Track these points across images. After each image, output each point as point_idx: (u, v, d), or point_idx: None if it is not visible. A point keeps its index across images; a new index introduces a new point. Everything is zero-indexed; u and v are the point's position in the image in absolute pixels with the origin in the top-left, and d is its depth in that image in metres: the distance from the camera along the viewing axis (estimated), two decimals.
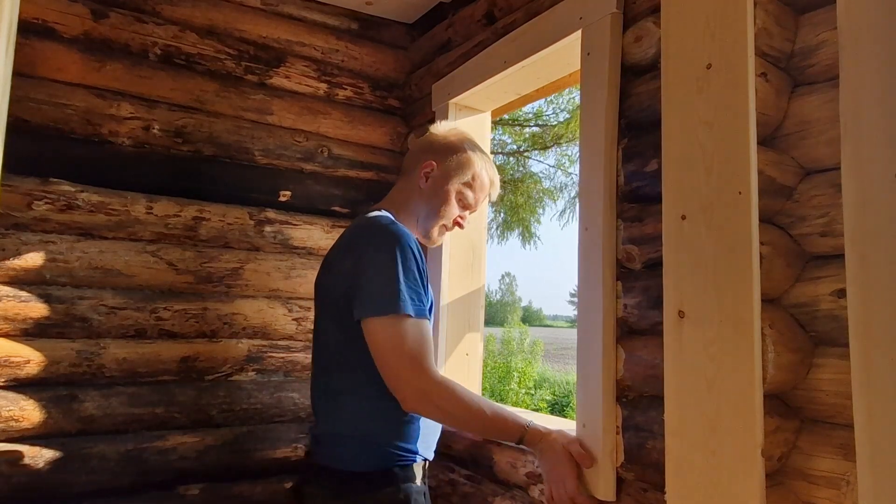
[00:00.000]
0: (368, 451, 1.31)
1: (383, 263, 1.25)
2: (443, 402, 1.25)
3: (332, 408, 1.37)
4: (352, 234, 1.40)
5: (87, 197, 1.78)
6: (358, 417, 1.33)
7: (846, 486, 0.95)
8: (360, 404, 1.33)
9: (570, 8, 1.49)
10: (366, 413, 1.32)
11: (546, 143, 7.74)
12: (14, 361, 1.66)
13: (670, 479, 1.07)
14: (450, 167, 1.48)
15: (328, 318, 1.39)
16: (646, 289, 1.25)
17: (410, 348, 1.23)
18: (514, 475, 1.54)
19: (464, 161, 1.49)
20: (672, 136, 1.12)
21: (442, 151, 1.49)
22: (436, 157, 1.48)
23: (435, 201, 1.48)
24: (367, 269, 1.27)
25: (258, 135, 2.06)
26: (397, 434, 1.33)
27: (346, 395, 1.34)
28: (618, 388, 1.29)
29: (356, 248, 1.32)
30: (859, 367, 0.85)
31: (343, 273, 1.32)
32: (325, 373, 1.40)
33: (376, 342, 1.25)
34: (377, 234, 1.31)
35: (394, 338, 1.23)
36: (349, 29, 2.27)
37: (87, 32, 1.82)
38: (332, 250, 1.46)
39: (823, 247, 1.04)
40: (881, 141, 0.85)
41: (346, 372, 1.34)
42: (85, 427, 1.74)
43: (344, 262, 1.34)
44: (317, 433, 1.40)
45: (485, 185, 1.54)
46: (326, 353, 1.40)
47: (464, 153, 1.50)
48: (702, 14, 1.09)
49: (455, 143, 1.51)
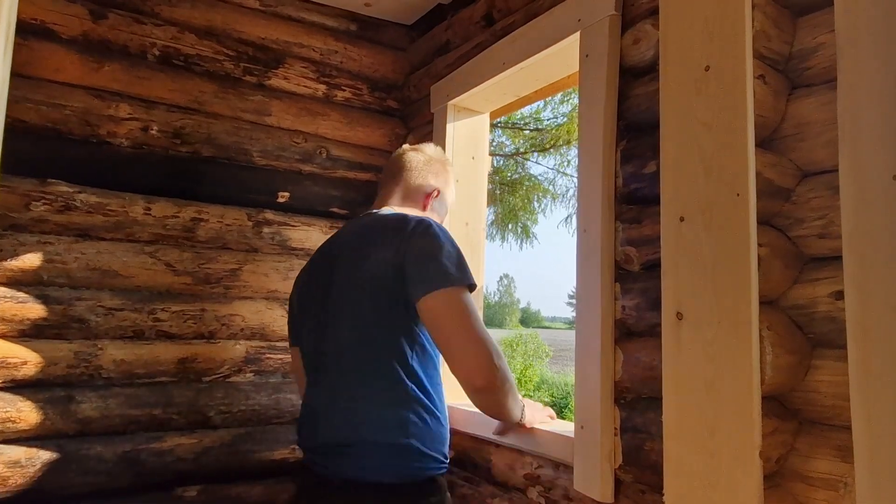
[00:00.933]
0: (410, 459, 1.22)
1: (441, 243, 1.24)
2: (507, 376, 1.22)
3: (354, 413, 1.24)
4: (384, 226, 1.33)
5: (85, 198, 1.78)
6: (394, 420, 1.22)
7: (844, 488, 0.95)
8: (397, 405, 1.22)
9: (568, 10, 1.50)
10: (403, 415, 1.22)
11: (545, 145, 7.75)
12: (11, 362, 1.66)
13: (668, 480, 1.07)
14: (446, 196, 1.57)
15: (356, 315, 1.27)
16: (644, 290, 1.25)
17: (478, 316, 1.21)
18: (513, 477, 1.54)
19: (451, 187, 1.59)
20: (670, 138, 1.13)
21: (444, 180, 1.56)
22: (440, 186, 1.54)
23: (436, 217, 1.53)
24: (427, 251, 1.22)
25: (257, 136, 2.06)
26: (433, 437, 1.25)
27: (378, 397, 1.23)
28: (616, 389, 1.29)
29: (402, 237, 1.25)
30: (857, 368, 0.85)
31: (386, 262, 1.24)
32: (346, 375, 1.27)
33: (445, 310, 1.19)
34: (423, 222, 1.28)
35: (467, 305, 1.20)
36: (348, 30, 2.28)
37: (86, 33, 1.82)
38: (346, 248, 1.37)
39: (821, 248, 1.04)
40: (879, 143, 0.85)
41: (378, 370, 1.24)
42: (82, 428, 1.73)
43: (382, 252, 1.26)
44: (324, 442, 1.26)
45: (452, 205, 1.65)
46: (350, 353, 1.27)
47: (452, 179, 1.59)
48: (700, 16, 1.09)
49: (449, 172, 1.59)
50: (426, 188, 1.51)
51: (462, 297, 1.20)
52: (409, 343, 1.25)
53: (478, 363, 1.17)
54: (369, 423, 1.22)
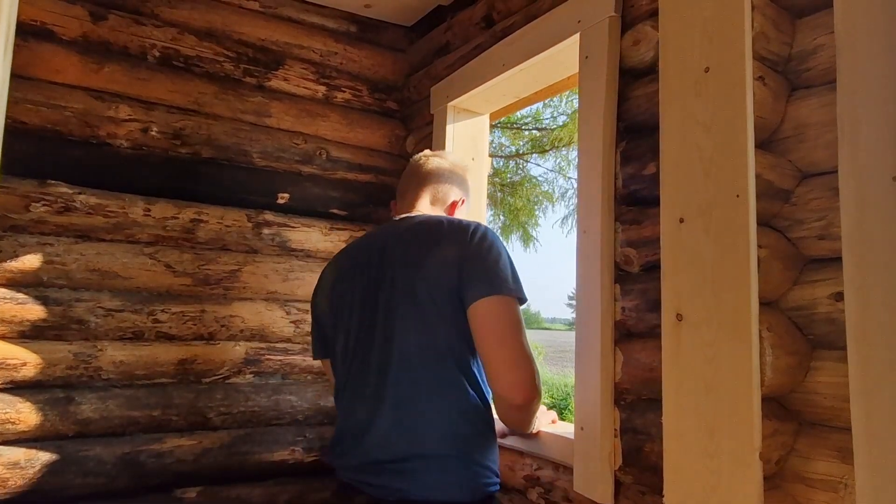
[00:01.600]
0: (471, 475, 1.15)
1: (500, 250, 1.21)
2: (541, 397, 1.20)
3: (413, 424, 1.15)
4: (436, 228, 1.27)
5: (85, 199, 1.78)
6: (457, 432, 1.15)
7: (844, 489, 0.95)
8: (459, 415, 1.16)
9: (568, 11, 1.50)
10: (466, 426, 1.16)
11: (545, 146, 7.75)
12: (11, 363, 1.66)
13: (668, 482, 1.07)
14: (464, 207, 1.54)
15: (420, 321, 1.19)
16: (644, 292, 1.25)
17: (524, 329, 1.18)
18: (512, 478, 1.54)
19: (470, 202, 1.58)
20: (670, 140, 1.13)
21: (467, 189, 1.55)
22: (465, 196, 1.53)
23: None
24: (486, 254, 1.19)
25: (256, 137, 2.06)
26: (492, 452, 1.21)
27: (439, 406, 1.15)
28: (616, 390, 1.28)
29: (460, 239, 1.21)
30: (857, 370, 0.85)
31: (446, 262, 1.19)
32: (400, 382, 1.17)
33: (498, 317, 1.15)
34: (481, 227, 1.26)
35: (516, 316, 1.17)
36: (348, 31, 2.28)
37: (86, 34, 1.82)
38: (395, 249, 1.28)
39: (821, 250, 1.04)
40: (878, 144, 0.85)
41: (439, 377, 1.16)
42: (81, 430, 1.73)
43: (440, 252, 1.20)
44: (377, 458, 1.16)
45: None
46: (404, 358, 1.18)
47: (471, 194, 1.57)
48: (700, 18, 1.09)
49: (470, 183, 1.57)
50: (453, 196, 1.49)
51: (515, 308, 1.17)
52: (471, 351, 1.19)
53: (522, 380, 1.14)
54: (435, 437, 1.14)
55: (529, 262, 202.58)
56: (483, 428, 1.19)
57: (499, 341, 1.14)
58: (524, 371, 1.14)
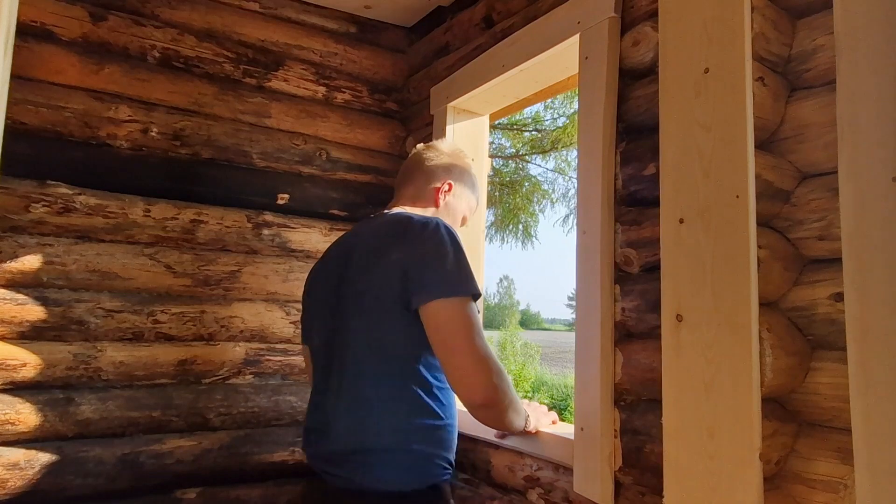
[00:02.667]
0: (417, 466, 1.21)
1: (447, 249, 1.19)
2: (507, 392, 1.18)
3: (363, 419, 1.22)
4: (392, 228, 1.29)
5: (85, 200, 1.78)
6: (402, 427, 1.20)
7: (844, 490, 0.95)
8: (405, 411, 1.20)
9: (568, 12, 1.50)
10: (411, 421, 1.20)
11: (545, 147, 7.76)
12: (10, 364, 1.65)
13: (668, 482, 1.07)
14: (464, 190, 1.53)
15: (366, 319, 1.24)
16: (644, 292, 1.25)
17: (480, 329, 1.17)
18: (512, 479, 1.54)
19: (472, 184, 1.56)
20: (670, 140, 1.13)
21: (458, 174, 1.53)
22: (454, 179, 1.51)
23: (450, 215, 1.51)
24: (431, 256, 1.19)
25: (256, 138, 2.06)
26: (440, 443, 1.24)
27: (386, 402, 1.20)
28: (616, 391, 1.28)
29: (408, 239, 1.23)
30: (857, 370, 0.85)
31: (392, 265, 1.21)
32: (353, 379, 1.24)
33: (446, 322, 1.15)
34: (430, 224, 1.24)
35: (468, 317, 1.15)
36: (347, 32, 2.28)
37: (86, 35, 1.82)
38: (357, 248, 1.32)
39: (821, 250, 1.04)
40: (878, 144, 0.85)
41: (387, 375, 1.22)
42: (81, 430, 1.73)
43: (388, 255, 1.23)
44: (335, 450, 1.24)
45: (474, 207, 1.62)
46: (356, 357, 1.25)
47: (471, 178, 1.56)
48: (699, 18, 1.09)
49: (467, 169, 1.56)
50: (436, 183, 1.48)
51: (464, 309, 1.16)
52: (417, 347, 1.22)
53: (477, 381, 1.13)
54: (379, 430, 1.21)
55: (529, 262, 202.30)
56: (431, 420, 1.22)
57: (449, 349, 1.15)
58: (479, 374, 1.13)
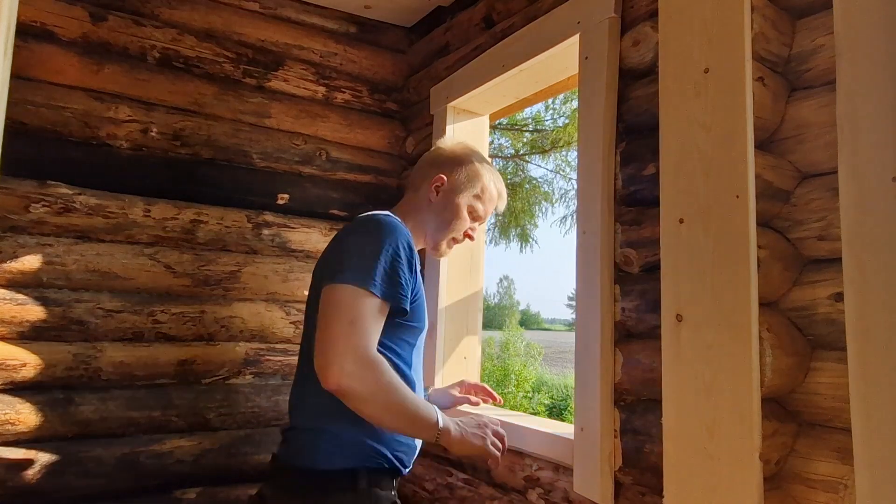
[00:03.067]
0: (333, 447, 1.21)
1: (368, 245, 1.19)
2: (366, 384, 1.10)
3: (299, 401, 1.32)
4: (345, 228, 1.38)
5: (85, 200, 1.78)
6: (322, 408, 1.21)
7: (844, 490, 0.95)
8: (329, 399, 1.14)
9: (568, 12, 1.50)
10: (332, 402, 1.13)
11: (545, 147, 7.76)
12: (10, 364, 1.65)
13: (668, 482, 1.07)
14: (459, 180, 1.47)
15: (310, 311, 1.34)
16: (644, 292, 1.25)
17: (356, 318, 1.10)
18: (512, 479, 1.54)
19: (472, 174, 1.49)
20: (670, 140, 1.13)
21: (451, 165, 1.48)
22: (445, 171, 1.47)
23: (445, 215, 1.47)
24: (350, 249, 1.22)
25: (256, 138, 2.06)
26: (365, 430, 1.21)
27: (314, 383, 1.15)
28: (616, 391, 1.28)
29: (345, 237, 1.31)
30: (857, 370, 0.85)
31: (330, 263, 1.26)
32: (301, 361, 1.37)
33: (323, 305, 1.14)
34: (370, 223, 1.27)
35: (343, 303, 1.11)
36: (347, 32, 2.28)
37: (86, 35, 1.82)
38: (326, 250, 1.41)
39: (821, 250, 1.04)
40: (878, 144, 0.85)
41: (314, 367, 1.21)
42: (81, 430, 1.73)
43: (332, 253, 1.30)
44: (284, 430, 1.35)
45: (493, 197, 1.53)
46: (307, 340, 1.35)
47: (472, 165, 1.49)
48: (699, 18, 1.09)
49: (463, 157, 1.51)
50: (428, 178, 1.47)
51: (346, 296, 1.12)
52: None
53: (328, 364, 1.08)
54: (302, 409, 1.31)
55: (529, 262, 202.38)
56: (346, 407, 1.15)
57: (318, 331, 1.13)
58: (333, 357, 1.08)
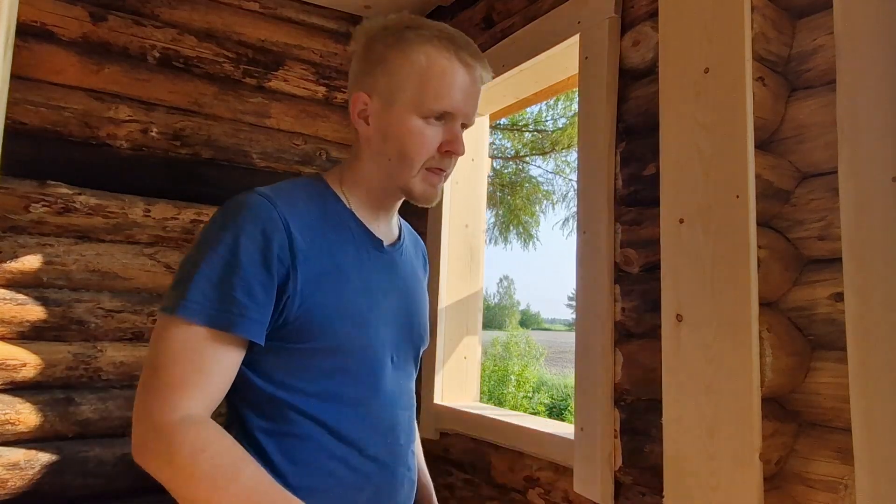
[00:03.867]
0: None
1: (197, 246, 0.86)
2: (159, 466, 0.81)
3: None
4: None
5: (85, 200, 1.78)
6: None
7: (844, 490, 0.95)
8: None
9: (568, 12, 1.50)
10: None
11: (545, 148, 7.76)
12: (10, 364, 1.65)
13: (668, 482, 1.07)
14: (383, 86, 0.91)
15: None
16: (644, 292, 1.25)
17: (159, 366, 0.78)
18: (512, 479, 1.54)
19: (397, 62, 0.91)
20: (670, 140, 1.13)
21: (364, 71, 0.93)
22: (364, 87, 0.93)
23: (392, 145, 0.92)
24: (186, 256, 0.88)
25: (256, 138, 2.06)
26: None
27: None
28: (616, 391, 1.28)
29: None
30: (857, 370, 0.85)
31: None
32: None
33: None
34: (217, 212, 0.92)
35: (151, 343, 0.80)
36: (347, 32, 2.28)
37: (86, 35, 1.82)
38: None
39: (821, 250, 1.04)
40: (878, 145, 0.85)
41: None
42: (81, 430, 1.73)
43: None
44: None
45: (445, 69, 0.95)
46: None
47: (391, 50, 0.92)
48: (699, 19, 1.09)
49: (373, 47, 0.93)
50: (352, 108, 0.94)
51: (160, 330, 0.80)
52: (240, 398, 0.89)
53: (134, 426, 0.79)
54: None
55: (530, 262, 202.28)
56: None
57: None
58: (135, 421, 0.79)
